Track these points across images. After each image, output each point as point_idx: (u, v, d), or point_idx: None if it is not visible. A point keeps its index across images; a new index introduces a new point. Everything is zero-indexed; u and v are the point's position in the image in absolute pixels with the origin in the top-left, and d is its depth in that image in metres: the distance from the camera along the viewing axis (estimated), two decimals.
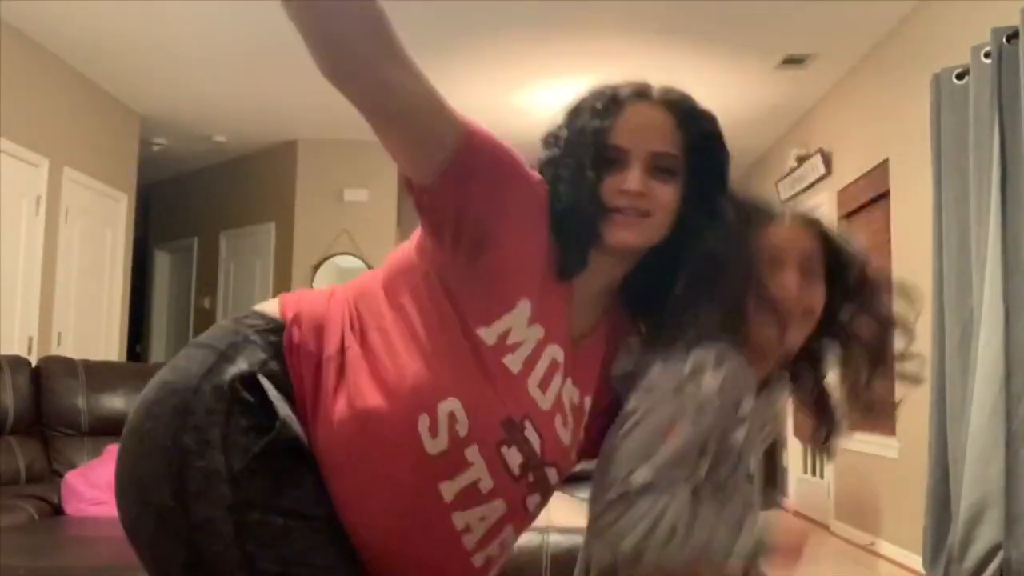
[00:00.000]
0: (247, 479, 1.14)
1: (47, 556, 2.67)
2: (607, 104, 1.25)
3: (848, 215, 5.96)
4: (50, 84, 5.70)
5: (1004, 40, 3.62)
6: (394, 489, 1.18)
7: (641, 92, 1.26)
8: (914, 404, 4.59)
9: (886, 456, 5.09)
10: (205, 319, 8.49)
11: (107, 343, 6.37)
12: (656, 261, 1.26)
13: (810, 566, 4.90)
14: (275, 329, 1.23)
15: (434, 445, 1.16)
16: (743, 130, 7.25)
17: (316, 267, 7.61)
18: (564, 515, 2.24)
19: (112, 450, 3.52)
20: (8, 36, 5.16)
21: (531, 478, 1.22)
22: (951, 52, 4.09)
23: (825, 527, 6.14)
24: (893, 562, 4.85)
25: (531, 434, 1.21)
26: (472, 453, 1.17)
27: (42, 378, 3.82)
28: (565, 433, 1.26)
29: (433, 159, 1.13)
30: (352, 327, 1.22)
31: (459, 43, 5.51)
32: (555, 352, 1.24)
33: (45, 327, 5.59)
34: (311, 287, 7.53)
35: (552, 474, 1.26)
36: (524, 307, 1.20)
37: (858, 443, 5.64)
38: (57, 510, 3.35)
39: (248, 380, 1.17)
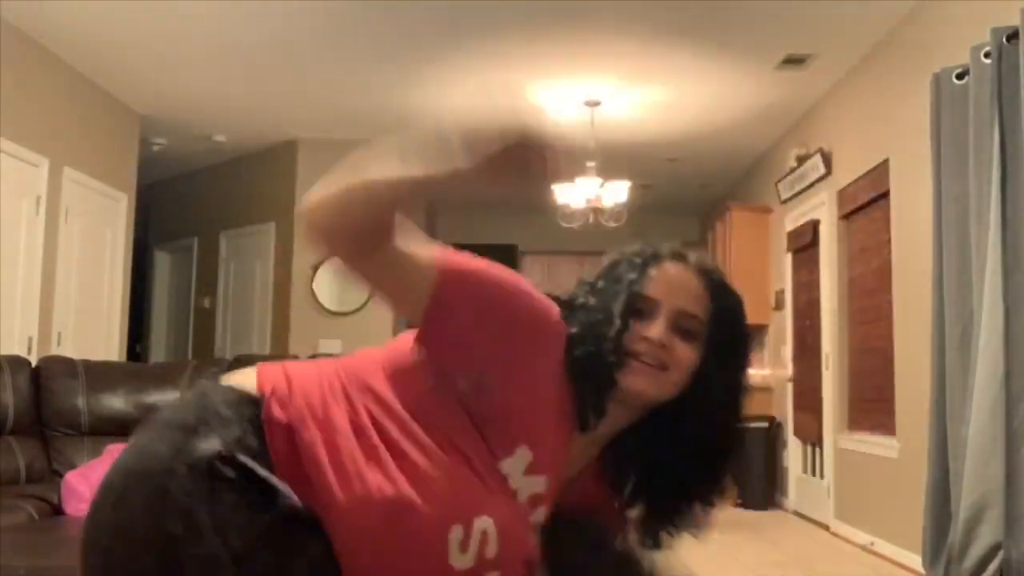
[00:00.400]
0: (251, 557, 1.10)
1: (47, 556, 2.67)
2: (646, 259, 1.30)
3: (848, 215, 5.97)
4: (50, 84, 5.70)
5: (1004, 40, 3.62)
6: None
7: (678, 254, 1.33)
8: (914, 404, 4.59)
9: (886, 456, 5.09)
10: (205, 319, 8.49)
11: (107, 343, 6.37)
12: (643, 430, 1.29)
13: (811, 566, 4.90)
14: (248, 402, 1.19)
15: (460, 559, 1.15)
16: (743, 130, 7.25)
17: (316, 267, 7.60)
18: None
19: (112, 450, 3.51)
20: (8, 36, 5.16)
21: None
22: (951, 52, 4.09)
23: (825, 527, 6.14)
24: (893, 562, 4.85)
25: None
26: None
27: (42, 378, 3.82)
28: None
29: (418, 304, 1.18)
30: (366, 413, 1.19)
31: (459, 43, 5.51)
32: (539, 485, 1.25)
33: (45, 327, 5.59)
34: (311, 287, 7.54)
35: None
36: (523, 454, 1.20)
37: (858, 443, 5.65)
38: (57, 510, 3.35)
39: (225, 458, 1.13)
